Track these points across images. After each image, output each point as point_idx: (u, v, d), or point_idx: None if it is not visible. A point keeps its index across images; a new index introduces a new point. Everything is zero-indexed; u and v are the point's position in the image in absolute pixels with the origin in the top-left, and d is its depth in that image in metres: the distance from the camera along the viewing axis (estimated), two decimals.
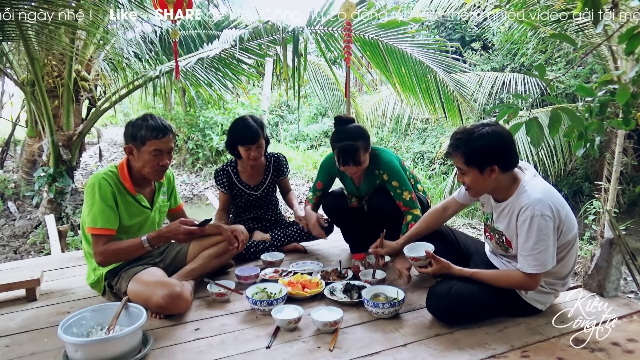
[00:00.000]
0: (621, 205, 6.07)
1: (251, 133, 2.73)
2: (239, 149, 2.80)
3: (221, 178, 2.94)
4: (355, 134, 2.48)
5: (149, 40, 5.75)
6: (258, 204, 3.04)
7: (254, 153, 2.77)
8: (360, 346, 1.82)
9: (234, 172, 2.96)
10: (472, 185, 1.91)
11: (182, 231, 2.15)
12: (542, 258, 1.79)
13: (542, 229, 1.76)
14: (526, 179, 1.88)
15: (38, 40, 4.40)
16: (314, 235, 2.83)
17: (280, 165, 3.05)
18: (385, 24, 4.43)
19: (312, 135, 11.59)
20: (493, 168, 1.82)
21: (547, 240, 1.78)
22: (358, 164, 2.47)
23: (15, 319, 2.14)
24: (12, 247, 5.06)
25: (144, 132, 2.11)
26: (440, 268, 1.99)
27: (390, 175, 2.55)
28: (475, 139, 1.81)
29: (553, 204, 1.80)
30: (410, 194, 2.53)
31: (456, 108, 5.00)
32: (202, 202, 8.57)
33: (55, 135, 5.19)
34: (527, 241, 1.80)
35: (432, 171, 8.29)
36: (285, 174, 3.07)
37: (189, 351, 1.82)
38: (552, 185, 1.96)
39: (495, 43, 8.35)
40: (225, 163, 2.98)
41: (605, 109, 1.65)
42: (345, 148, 2.44)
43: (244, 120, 2.80)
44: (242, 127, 2.76)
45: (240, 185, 2.96)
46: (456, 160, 1.89)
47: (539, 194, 1.80)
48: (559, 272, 1.94)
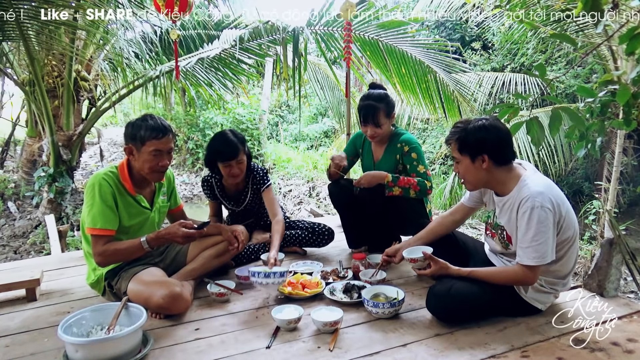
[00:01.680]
0: (621, 205, 6.08)
1: (230, 149, 2.54)
2: (219, 165, 2.61)
3: (206, 188, 2.86)
4: (379, 97, 2.64)
5: (149, 40, 5.74)
6: (248, 215, 2.96)
7: (234, 170, 2.59)
8: (360, 346, 1.82)
9: (217, 184, 2.82)
10: (465, 175, 1.96)
11: (180, 234, 2.14)
12: (542, 250, 1.79)
13: (542, 220, 1.77)
14: (527, 174, 1.90)
15: (38, 40, 4.40)
16: (314, 241, 2.88)
17: (257, 181, 2.79)
18: (385, 23, 4.43)
19: (312, 135, 11.59)
20: (483, 158, 1.87)
21: (546, 232, 1.78)
22: (377, 124, 2.61)
23: (15, 319, 2.14)
24: (12, 247, 5.06)
25: (144, 132, 2.11)
26: (439, 269, 2.00)
27: (410, 147, 2.65)
28: (471, 128, 1.88)
29: (554, 197, 1.81)
30: (425, 170, 2.64)
31: (456, 108, 5.00)
32: (202, 202, 8.58)
33: (55, 135, 5.20)
34: (526, 233, 1.81)
35: (432, 171, 8.29)
36: (264, 184, 2.77)
37: (189, 351, 1.82)
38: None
39: (495, 43, 8.35)
40: (209, 174, 2.80)
41: (606, 110, 1.65)
42: (366, 106, 2.61)
43: (223, 134, 2.62)
44: (221, 142, 2.58)
45: (222, 199, 2.86)
46: (452, 147, 1.95)
47: (540, 187, 1.82)
48: (559, 271, 1.94)
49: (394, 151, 2.71)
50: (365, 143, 2.89)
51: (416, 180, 2.57)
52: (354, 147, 2.96)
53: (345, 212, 2.91)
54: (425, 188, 2.57)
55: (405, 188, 2.55)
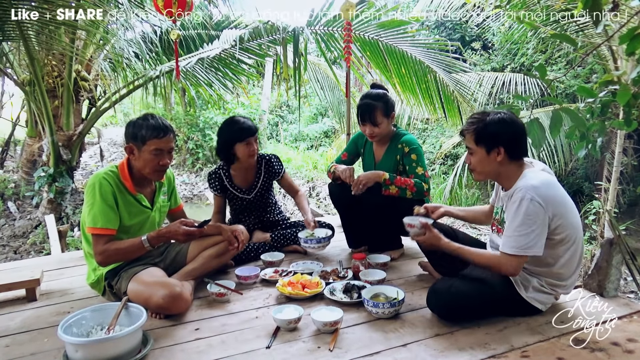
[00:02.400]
0: (621, 205, 6.08)
1: (249, 125, 2.73)
2: (237, 148, 2.73)
3: (213, 181, 2.89)
4: (377, 96, 2.65)
5: (149, 40, 5.74)
6: (253, 207, 3.00)
7: (253, 147, 2.74)
8: (360, 346, 1.82)
9: (225, 175, 2.89)
10: (477, 166, 1.97)
11: (181, 232, 2.15)
12: (523, 241, 1.81)
13: (530, 213, 1.79)
14: (532, 169, 1.93)
15: (38, 40, 4.40)
16: None
17: (272, 166, 2.96)
18: (385, 23, 4.43)
19: (312, 135, 11.59)
20: (499, 150, 1.89)
21: (531, 225, 1.80)
22: (374, 123, 2.62)
23: (15, 319, 2.14)
24: (12, 247, 5.06)
25: (145, 131, 2.11)
26: (431, 237, 2.05)
27: (411, 148, 2.65)
28: (489, 120, 1.90)
29: (547, 195, 1.81)
30: (424, 172, 2.63)
31: (456, 108, 5.00)
32: (202, 202, 8.58)
33: (55, 135, 5.20)
34: (512, 222, 1.84)
35: (432, 171, 8.29)
36: (279, 174, 2.98)
37: (189, 351, 1.82)
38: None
39: (495, 43, 8.36)
40: (217, 166, 2.90)
41: (606, 110, 1.65)
42: (364, 105, 2.63)
43: (235, 117, 2.80)
44: (238, 122, 2.74)
45: (232, 189, 2.90)
46: (468, 138, 1.96)
47: (535, 182, 1.83)
48: (560, 274, 1.94)
49: (395, 152, 2.71)
50: (366, 143, 2.89)
51: (413, 182, 2.57)
52: (355, 146, 2.96)
53: (345, 212, 2.91)
54: (422, 190, 2.57)
55: (402, 188, 2.56)
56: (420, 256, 2.67)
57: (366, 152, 2.90)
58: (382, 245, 2.86)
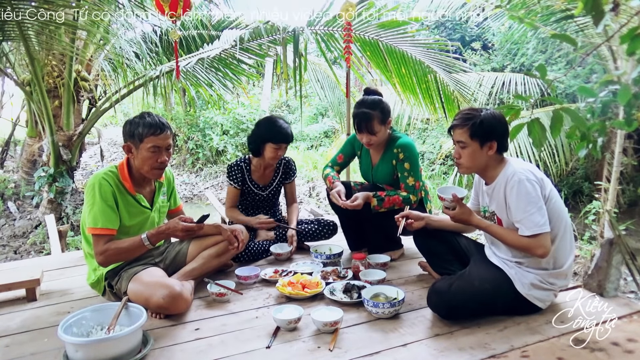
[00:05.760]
0: (621, 205, 6.07)
1: (287, 132, 2.80)
2: (267, 146, 2.80)
3: (235, 173, 2.93)
4: (374, 104, 2.60)
5: (149, 40, 5.74)
6: (263, 205, 3.06)
7: (281, 152, 2.83)
8: (360, 346, 1.82)
9: (247, 169, 2.97)
10: (467, 160, 2.02)
11: (180, 228, 2.15)
12: (537, 219, 1.86)
13: (530, 191, 1.87)
14: (512, 160, 2.02)
15: (38, 40, 4.39)
16: (319, 233, 2.96)
17: (290, 168, 3.08)
18: (385, 23, 4.43)
19: (312, 135, 11.57)
20: (492, 144, 1.97)
21: (537, 203, 1.87)
22: (371, 132, 2.58)
23: (15, 319, 2.14)
24: (12, 247, 5.06)
25: (142, 129, 2.11)
26: (462, 213, 2.07)
27: (406, 155, 2.63)
28: (484, 115, 1.97)
29: (539, 176, 1.93)
30: (415, 182, 2.61)
31: (456, 108, 4.99)
32: (202, 202, 8.57)
33: (55, 135, 5.19)
34: (518, 206, 1.89)
35: (432, 171, 8.28)
36: (291, 178, 3.09)
37: (189, 351, 1.82)
38: (553, 185, 2.02)
39: (495, 43, 8.35)
40: (239, 159, 2.98)
41: (607, 110, 1.65)
42: (360, 114, 2.58)
43: (278, 119, 2.86)
44: (278, 125, 2.80)
45: (250, 183, 2.97)
46: (460, 132, 2.00)
47: (525, 166, 1.96)
48: (553, 261, 1.96)
49: (391, 156, 2.70)
50: (363, 146, 2.88)
51: (401, 198, 2.58)
52: (351, 147, 2.95)
53: (344, 215, 2.90)
54: (410, 203, 2.58)
55: (391, 207, 2.58)
56: (420, 256, 2.67)
57: (363, 155, 2.90)
58: (382, 248, 2.86)
